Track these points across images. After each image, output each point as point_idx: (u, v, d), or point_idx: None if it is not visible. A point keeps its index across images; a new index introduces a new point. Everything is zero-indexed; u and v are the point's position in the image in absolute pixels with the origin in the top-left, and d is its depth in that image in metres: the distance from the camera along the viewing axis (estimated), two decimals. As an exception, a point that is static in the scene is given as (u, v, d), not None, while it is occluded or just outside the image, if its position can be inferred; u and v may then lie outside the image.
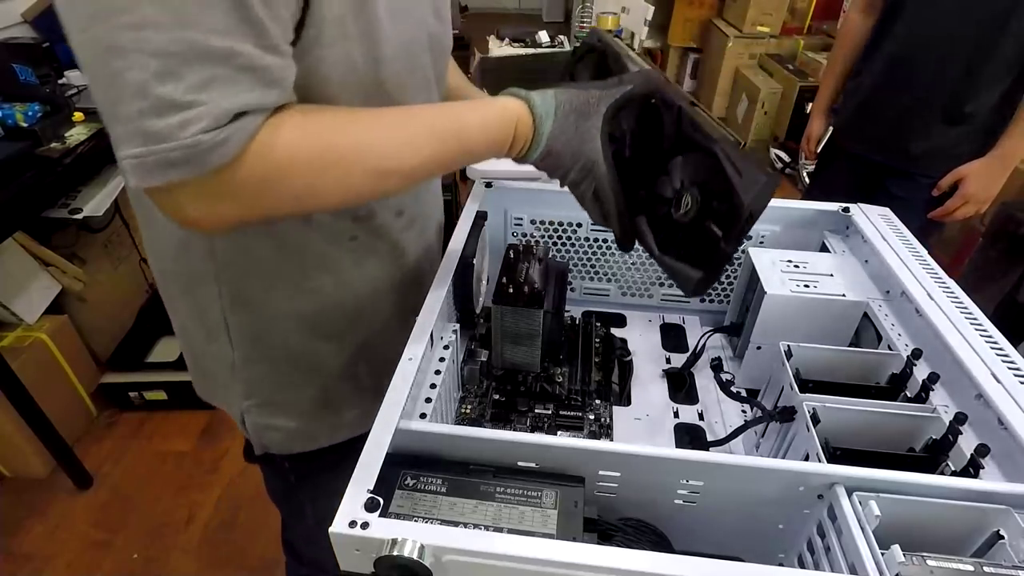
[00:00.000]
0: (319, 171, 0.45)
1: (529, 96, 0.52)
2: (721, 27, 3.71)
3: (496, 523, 0.45)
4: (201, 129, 0.39)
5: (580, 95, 0.52)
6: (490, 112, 0.51)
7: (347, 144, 0.46)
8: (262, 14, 0.41)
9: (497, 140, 0.51)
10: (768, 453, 0.65)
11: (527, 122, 0.51)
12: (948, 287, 0.66)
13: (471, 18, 4.92)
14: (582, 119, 0.51)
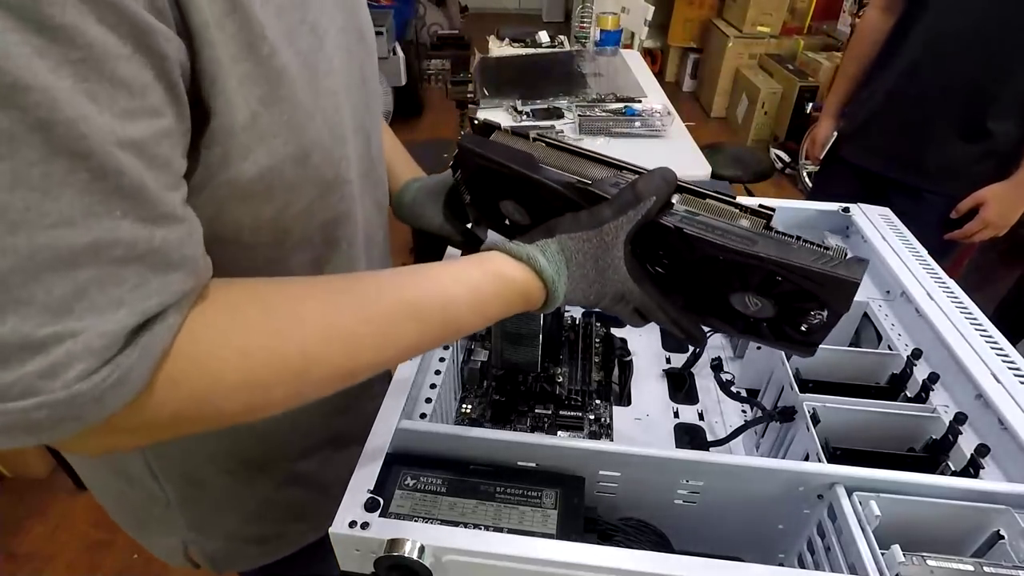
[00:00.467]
0: (262, 390, 0.33)
1: (531, 257, 0.42)
2: (721, 27, 3.71)
3: (496, 523, 0.45)
4: (79, 375, 0.27)
5: (592, 238, 0.42)
6: (483, 284, 0.41)
7: (299, 347, 0.34)
8: (138, 171, 0.28)
9: (495, 315, 0.42)
10: (768, 453, 0.65)
11: (536, 288, 0.42)
12: (948, 287, 0.66)
13: (471, 18, 4.93)
14: (602, 257, 0.43)
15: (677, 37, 4.10)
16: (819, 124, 1.56)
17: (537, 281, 0.42)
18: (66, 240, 0.26)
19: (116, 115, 0.27)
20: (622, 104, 1.71)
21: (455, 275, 0.41)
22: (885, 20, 1.35)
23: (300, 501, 0.65)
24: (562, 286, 0.42)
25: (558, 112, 1.72)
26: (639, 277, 0.44)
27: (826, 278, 0.39)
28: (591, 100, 1.77)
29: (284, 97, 0.36)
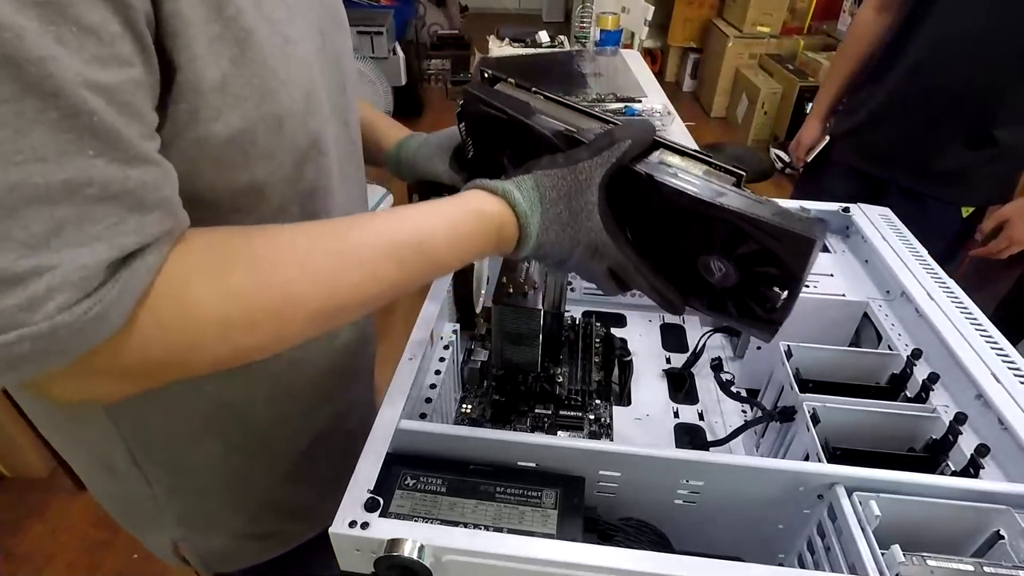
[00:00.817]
0: (245, 330, 0.34)
1: (507, 191, 0.42)
2: (721, 27, 3.71)
3: (496, 523, 0.45)
4: (59, 306, 0.28)
5: (567, 175, 0.43)
6: (460, 219, 0.42)
7: (281, 285, 0.35)
8: (110, 115, 0.29)
9: (473, 251, 0.43)
10: (768, 453, 0.65)
11: (510, 222, 0.43)
12: (948, 287, 0.66)
13: (471, 18, 4.93)
14: (575, 198, 0.43)
15: (677, 37, 4.10)
16: (806, 126, 1.50)
17: (511, 216, 0.42)
18: (40, 177, 0.27)
19: (85, 61, 0.28)
20: (622, 104, 1.71)
21: (432, 213, 0.41)
22: (880, 20, 1.31)
23: (293, 497, 0.64)
24: (535, 223, 0.43)
25: (558, 112, 1.72)
26: (613, 231, 0.44)
27: (783, 232, 0.39)
28: (591, 100, 1.77)
29: (254, 60, 0.37)
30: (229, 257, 0.35)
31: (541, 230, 0.43)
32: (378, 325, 0.75)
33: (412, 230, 0.40)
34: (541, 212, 0.43)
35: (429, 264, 0.41)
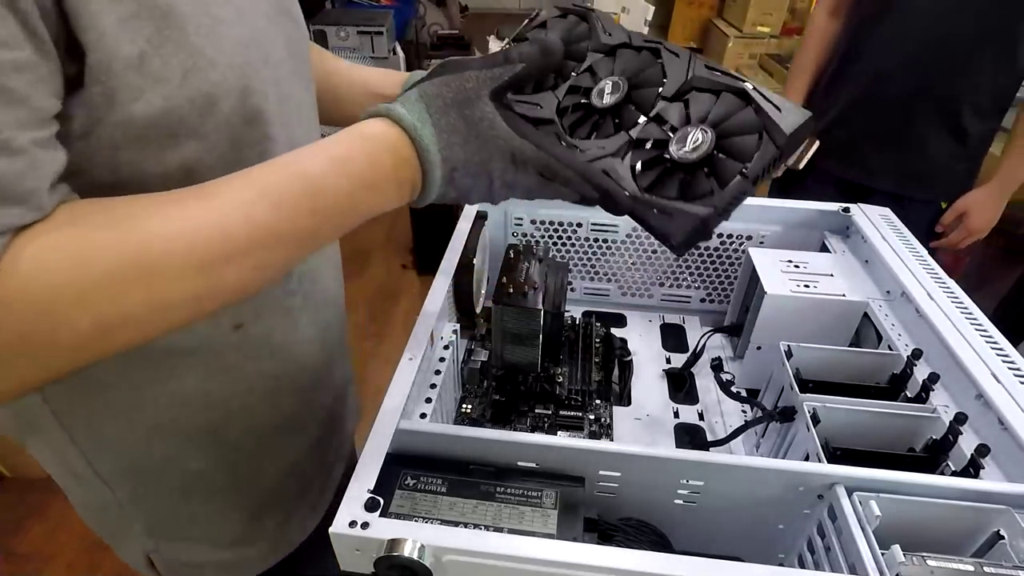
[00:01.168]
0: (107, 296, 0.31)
1: (389, 108, 0.39)
2: (721, 27, 3.71)
3: (496, 523, 0.45)
4: None
5: (451, 81, 0.39)
6: (345, 148, 0.38)
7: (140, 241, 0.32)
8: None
9: (369, 180, 0.38)
10: (768, 453, 0.65)
11: (402, 142, 0.38)
12: (948, 287, 0.66)
13: (471, 18, 4.92)
14: (467, 107, 0.39)
15: (677, 37, 4.09)
16: None
17: (399, 132, 0.38)
18: None
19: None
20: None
21: (315, 148, 0.38)
22: (833, 24, 1.33)
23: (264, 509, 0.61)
24: (429, 137, 0.38)
25: (558, 112, 1.72)
26: (523, 129, 0.41)
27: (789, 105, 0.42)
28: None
29: (174, 39, 0.36)
30: (88, 223, 0.32)
31: (442, 145, 0.39)
32: (378, 324, 0.75)
33: (289, 167, 0.37)
34: (432, 123, 0.39)
35: (315, 200, 0.36)
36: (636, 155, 0.43)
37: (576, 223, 0.84)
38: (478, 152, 0.40)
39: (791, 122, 0.41)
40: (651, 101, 0.45)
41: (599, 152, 0.44)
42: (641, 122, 0.44)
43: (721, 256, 0.85)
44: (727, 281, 0.87)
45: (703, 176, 0.41)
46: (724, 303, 0.89)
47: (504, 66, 0.40)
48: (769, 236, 0.83)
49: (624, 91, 0.46)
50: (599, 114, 0.46)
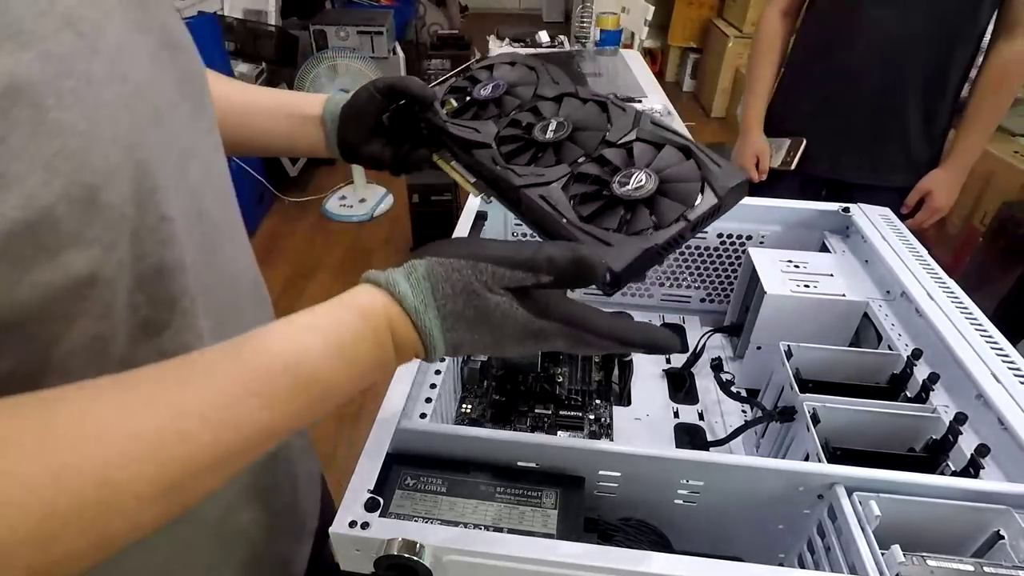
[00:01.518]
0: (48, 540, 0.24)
1: (391, 282, 0.35)
2: (721, 27, 3.71)
3: (496, 523, 0.45)
4: None
5: (464, 269, 0.35)
6: (345, 327, 0.33)
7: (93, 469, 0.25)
8: None
9: (368, 363, 0.34)
10: (768, 453, 0.65)
11: (402, 322, 0.35)
12: (948, 287, 0.66)
13: (471, 18, 4.93)
14: (477, 299, 0.35)
15: (677, 37, 4.10)
16: (751, 140, 1.39)
17: (402, 315, 0.34)
18: None
19: None
20: (622, 104, 1.71)
21: (309, 323, 0.33)
22: (786, 24, 1.34)
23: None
24: (432, 320, 0.35)
25: (558, 112, 1.72)
26: (548, 310, 0.36)
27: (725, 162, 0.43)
28: (591, 100, 1.77)
29: (27, 121, 0.26)
30: (17, 448, 0.24)
31: (446, 328, 0.35)
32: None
33: (278, 356, 0.31)
34: (437, 307, 0.35)
35: (310, 394, 0.32)
36: (576, 187, 0.43)
37: (576, 223, 0.84)
38: (489, 335, 0.36)
39: (731, 179, 0.42)
40: (595, 144, 0.46)
41: (536, 178, 0.44)
42: (582, 160, 0.45)
43: (721, 256, 0.85)
44: (727, 281, 0.87)
45: (645, 213, 0.41)
46: (724, 303, 0.89)
47: (528, 273, 0.35)
48: (769, 236, 0.83)
49: (568, 131, 0.47)
50: (539, 147, 0.47)
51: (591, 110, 0.49)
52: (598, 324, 0.38)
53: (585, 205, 0.42)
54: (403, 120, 0.55)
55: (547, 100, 0.51)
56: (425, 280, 0.35)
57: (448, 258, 0.35)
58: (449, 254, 0.35)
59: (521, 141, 0.48)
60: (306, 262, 2.47)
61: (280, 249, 2.55)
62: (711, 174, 0.43)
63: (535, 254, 0.35)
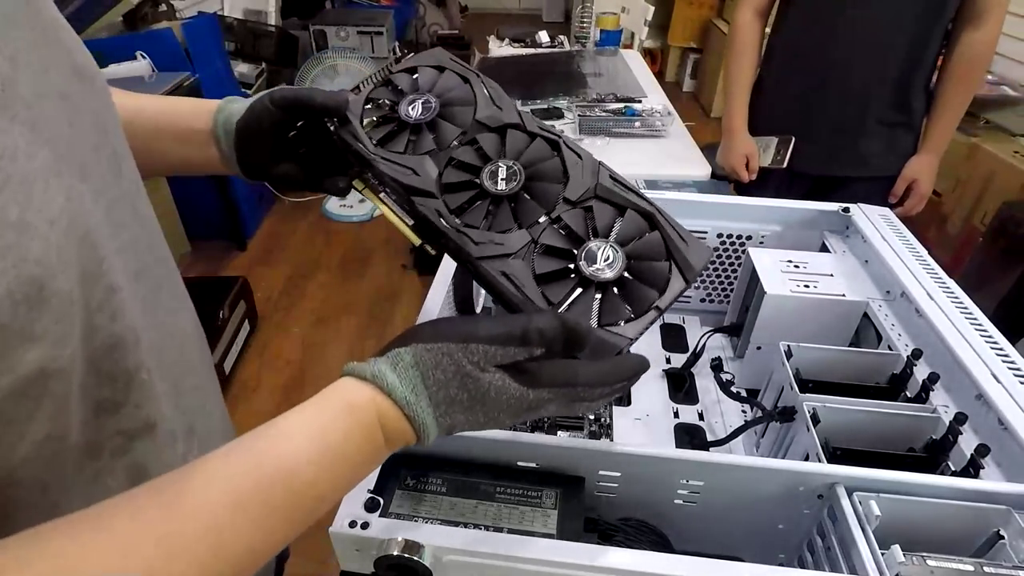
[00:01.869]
0: None
1: (378, 374, 0.33)
2: (721, 27, 3.71)
3: (496, 523, 0.45)
4: None
5: (455, 354, 0.34)
6: (332, 428, 0.32)
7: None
8: None
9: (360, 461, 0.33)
10: (768, 453, 0.65)
11: (393, 414, 0.33)
12: (948, 287, 0.66)
13: (471, 18, 4.93)
14: (471, 382, 0.34)
15: (677, 37, 4.10)
16: (738, 140, 1.38)
17: (390, 404, 0.33)
18: None
19: None
20: (622, 104, 1.71)
21: (296, 428, 0.32)
22: (758, 23, 1.35)
23: None
24: (424, 409, 0.33)
25: (558, 112, 1.72)
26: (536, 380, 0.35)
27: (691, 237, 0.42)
28: (591, 100, 1.77)
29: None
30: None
31: (439, 414, 0.34)
32: (378, 324, 0.74)
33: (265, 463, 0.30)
34: (429, 396, 0.34)
35: (299, 499, 0.30)
36: (540, 261, 0.41)
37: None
38: (484, 413, 0.35)
39: (699, 258, 0.42)
40: (553, 200, 0.43)
41: (496, 249, 0.42)
42: (542, 222, 0.43)
43: (721, 256, 0.85)
44: (727, 281, 0.87)
45: (619, 301, 0.40)
46: (724, 303, 0.89)
47: (520, 348, 0.35)
48: (769, 236, 0.83)
49: (521, 181, 0.43)
50: (492, 200, 0.44)
51: (542, 150, 0.45)
52: (589, 378, 0.37)
53: (552, 286, 0.41)
54: (313, 138, 0.48)
55: (490, 131, 0.46)
56: (414, 368, 0.34)
57: (436, 343, 0.34)
58: (436, 339, 0.34)
59: (470, 190, 0.44)
60: (306, 262, 2.47)
61: (280, 249, 2.55)
62: (679, 253, 0.42)
63: (525, 329, 0.35)
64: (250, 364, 1.97)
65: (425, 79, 0.49)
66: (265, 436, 0.31)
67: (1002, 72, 2.33)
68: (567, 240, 0.42)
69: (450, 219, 0.43)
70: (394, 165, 0.44)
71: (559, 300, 0.40)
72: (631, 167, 1.46)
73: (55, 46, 0.31)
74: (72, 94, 0.32)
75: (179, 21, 2.20)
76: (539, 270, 0.41)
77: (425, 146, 0.46)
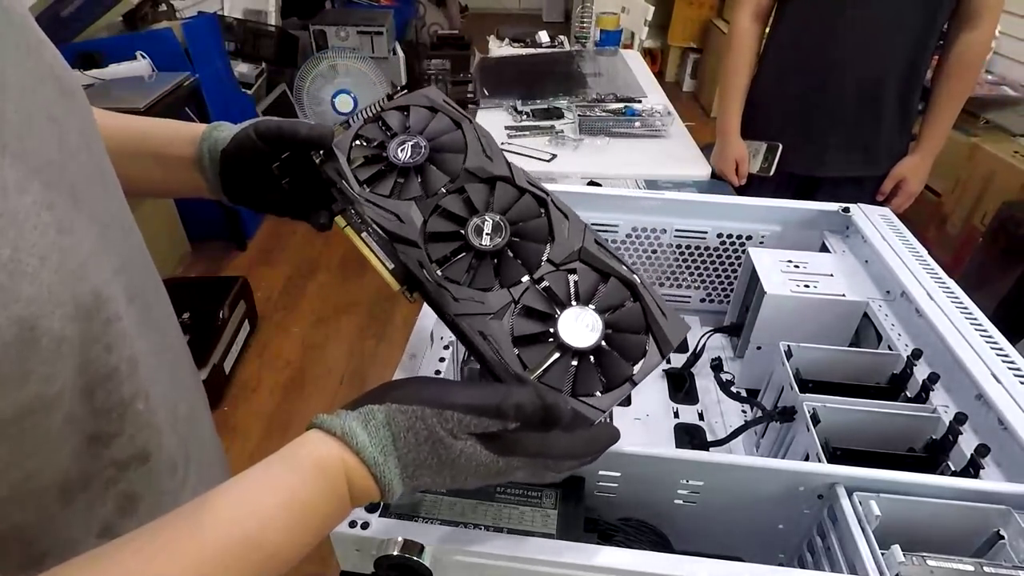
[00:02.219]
0: None
1: (348, 432, 0.33)
2: (721, 27, 3.71)
3: (496, 523, 0.45)
4: None
5: (429, 419, 0.33)
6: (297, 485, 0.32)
7: None
8: None
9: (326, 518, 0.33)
10: (768, 453, 0.65)
11: (361, 475, 0.33)
12: (948, 287, 0.66)
13: (471, 18, 4.92)
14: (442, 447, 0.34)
15: (677, 37, 4.10)
16: (730, 145, 1.39)
17: (359, 466, 0.32)
18: None
19: None
20: (622, 104, 1.71)
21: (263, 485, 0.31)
22: (756, 28, 1.35)
23: None
24: (392, 470, 0.33)
25: (558, 112, 1.72)
26: (507, 449, 0.35)
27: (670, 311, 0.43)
28: (591, 100, 1.77)
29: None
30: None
31: (406, 476, 0.34)
32: (378, 324, 0.74)
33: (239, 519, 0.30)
34: (398, 456, 0.33)
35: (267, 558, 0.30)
36: (520, 323, 0.41)
37: (576, 223, 0.84)
38: (451, 478, 0.35)
39: (677, 334, 0.42)
40: (537, 260, 0.43)
41: (476, 307, 0.42)
42: (524, 281, 0.43)
43: (721, 256, 0.85)
44: (727, 281, 0.87)
45: (595, 371, 0.40)
46: (724, 303, 0.89)
47: (495, 420, 0.34)
48: (769, 236, 0.83)
49: (507, 237, 0.43)
50: (476, 255, 0.43)
51: (529, 207, 0.45)
52: (561, 451, 0.37)
53: (530, 349, 0.41)
54: (298, 170, 0.47)
55: (479, 182, 0.46)
56: (385, 428, 0.33)
57: (410, 405, 0.34)
58: (411, 400, 0.34)
59: (455, 241, 0.43)
60: (306, 262, 2.47)
61: (280, 249, 2.55)
62: (657, 327, 0.42)
63: (503, 402, 0.34)
64: (250, 364, 1.97)
65: (416, 120, 0.48)
66: (235, 504, 0.30)
67: (1002, 72, 2.34)
68: (548, 303, 0.42)
69: (432, 271, 0.42)
70: (379, 209, 0.44)
71: (535, 364, 0.40)
72: (631, 167, 1.46)
73: (39, 63, 0.30)
74: (59, 114, 0.31)
75: (179, 21, 2.20)
76: (518, 331, 0.41)
77: (412, 191, 0.45)
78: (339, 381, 1.92)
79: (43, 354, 0.26)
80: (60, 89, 0.31)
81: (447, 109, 0.49)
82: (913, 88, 1.26)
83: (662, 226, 0.82)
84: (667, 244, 0.84)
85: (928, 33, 1.19)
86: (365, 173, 0.46)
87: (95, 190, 0.33)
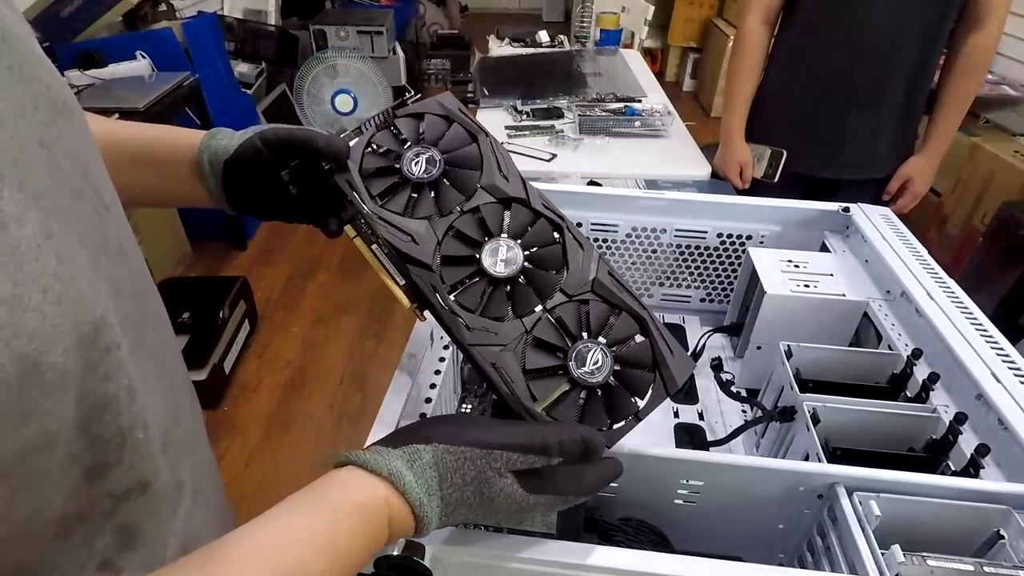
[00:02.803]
0: None
1: (395, 473, 0.33)
2: (721, 27, 3.71)
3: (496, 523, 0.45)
4: None
5: (477, 460, 0.35)
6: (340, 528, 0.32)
7: None
8: None
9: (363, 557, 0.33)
10: (768, 453, 0.65)
11: (402, 512, 0.34)
12: (948, 287, 0.66)
13: (471, 18, 4.93)
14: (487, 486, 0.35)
15: (677, 37, 4.10)
16: (734, 149, 1.38)
17: (401, 503, 0.33)
18: None
19: None
20: (622, 104, 1.71)
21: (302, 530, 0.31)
22: (765, 31, 1.34)
23: None
24: (433, 512, 0.34)
25: (558, 112, 1.72)
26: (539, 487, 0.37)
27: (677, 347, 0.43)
28: (591, 100, 1.77)
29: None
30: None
31: (444, 514, 0.35)
32: (378, 324, 0.75)
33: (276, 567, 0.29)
34: (441, 497, 0.34)
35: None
36: (532, 355, 0.42)
37: (576, 223, 0.84)
38: (484, 515, 0.37)
39: (683, 372, 0.43)
40: (549, 289, 0.43)
41: (490, 338, 0.42)
42: (537, 311, 0.43)
43: (721, 256, 0.85)
44: (727, 281, 0.87)
45: (601, 408, 0.42)
46: (724, 303, 0.89)
47: (541, 457, 0.36)
48: (769, 236, 0.83)
49: (521, 264, 0.43)
50: (491, 281, 0.43)
51: (544, 233, 0.45)
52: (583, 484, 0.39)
53: (540, 382, 0.41)
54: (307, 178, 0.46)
55: (494, 202, 0.45)
56: (432, 468, 0.34)
57: (459, 446, 0.35)
58: (459, 441, 0.35)
59: (468, 265, 0.43)
60: (306, 262, 2.47)
61: (280, 249, 2.55)
62: (664, 364, 0.43)
63: (546, 440, 0.36)
64: (250, 364, 1.97)
65: (431, 129, 0.47)
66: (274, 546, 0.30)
67: (1002, 72, 2.34)
68: (560, 336, 0.42)
69: (446, 297, 0.42)
70: (392, 228, 0.43)
71: (544, 396, 0.41)
72: (631, 167, 1.46)
73: (33, 84, 0.28)
74: (50, 140, 0.29)
75: (179, 21, 2.20)
76: (529, 364, 0.41)
77: (425, 209, 0.44)
78: (339, 381, 1.92)
79: (46, 389, 0.25)
80: (55, 111, 0.30)
81: (462, 119, 0.48)
82: (920, 90, 1.26)
83: (662, 226, 0.82)
84: (667, 244, 0.84)
85: (936, 35, 1.19)
86: (378, 187, 0.45)
87: (90, 216, 0.32)
